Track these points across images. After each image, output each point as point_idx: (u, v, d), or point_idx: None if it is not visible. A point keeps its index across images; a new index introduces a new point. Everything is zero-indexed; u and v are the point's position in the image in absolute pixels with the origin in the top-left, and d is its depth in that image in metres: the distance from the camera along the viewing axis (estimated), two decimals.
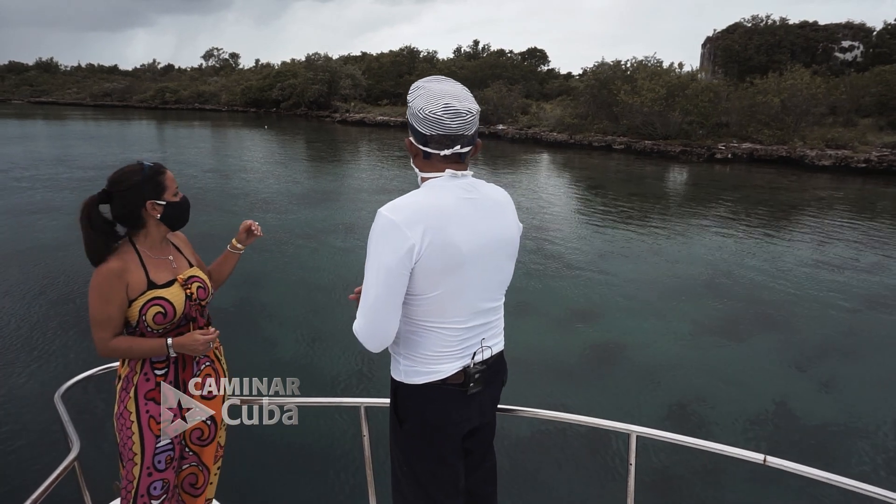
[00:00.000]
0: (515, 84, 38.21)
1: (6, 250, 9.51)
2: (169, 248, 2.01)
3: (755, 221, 12.74)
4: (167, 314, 1.86)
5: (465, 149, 1.46)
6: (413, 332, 1.52)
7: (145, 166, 1.87)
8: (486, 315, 1.56)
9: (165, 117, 48.69)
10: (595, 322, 6.99)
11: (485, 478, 1.77)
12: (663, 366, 5.83)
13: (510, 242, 1.56)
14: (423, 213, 1.39)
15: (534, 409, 1.99)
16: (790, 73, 23.74)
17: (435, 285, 1.43)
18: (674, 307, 7.44)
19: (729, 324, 6.95)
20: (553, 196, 15.52)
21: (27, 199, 13.78)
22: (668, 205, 14.48)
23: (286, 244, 10.16)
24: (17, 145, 25.50)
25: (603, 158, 23.62)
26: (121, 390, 1.92)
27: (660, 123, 24.35)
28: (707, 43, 49.54)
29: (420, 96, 1.44)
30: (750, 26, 44.23)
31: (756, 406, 5.15)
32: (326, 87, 49.41)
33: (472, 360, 1.54)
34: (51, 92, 74.59)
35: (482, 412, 1.63)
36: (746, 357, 6.09)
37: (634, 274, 8.77)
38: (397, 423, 1.59)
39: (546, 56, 62.17)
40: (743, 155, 22.25)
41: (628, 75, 27.10)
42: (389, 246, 1.38)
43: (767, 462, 1.66)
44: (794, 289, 8.19)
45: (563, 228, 11.74)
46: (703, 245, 10.58)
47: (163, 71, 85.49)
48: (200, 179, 17.04)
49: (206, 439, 2.09)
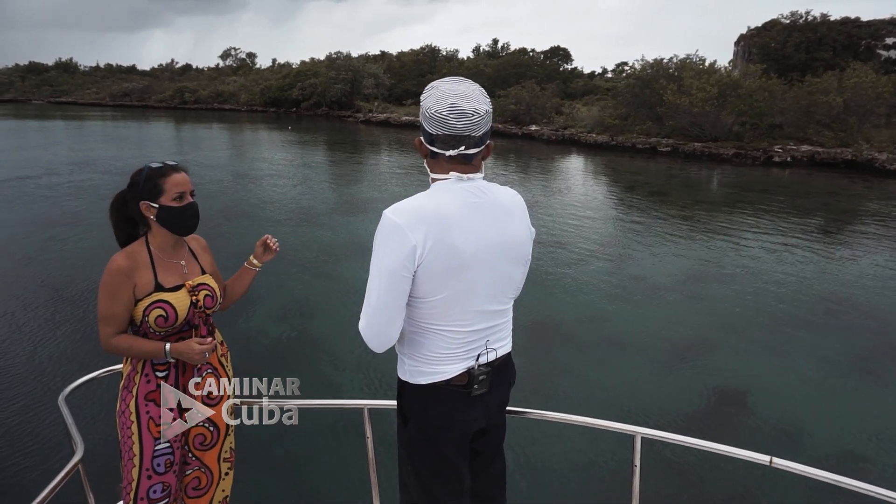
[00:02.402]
0: (549, 83, 36.89)
1: (12, 253, 9.42)
2: (182, 253, 2.01)
3: (848, 234, 11.45)
4: (168, 318, 1.87)
5: (471, 150, 1.45)
6: (416, 333, 1.53)
7: (146, 167, 1.88)
8: (491, 318, 1.55)
9: (185, 117, 48.01)
10: (706, 359, 5.86)
11: (493, 481, 1.76)
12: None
13: (517, 247, 1.54)
14: (425, 215, 1.39)
15: (540, 411, 1.99)
16: (852, 70, 22.26)
17: (438, 288, 1.44)
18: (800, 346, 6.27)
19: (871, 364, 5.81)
20: (610, 203, 14.31)
21: (42, 202, 13.42)
22: (747, 215, 13.20)
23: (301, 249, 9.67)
24: (39, 149, 24.78)
25: (650, 162, 22.31)
26: (123, 388, 1.94)
27: (709, 124, 23.00)
28: (741, 41, 47.96)
29: (431, 96, 1.43)
30: (788, 23, 42.57)
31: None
32: (349, 86, 48.40)
33: (477, 362, 1.54)
34: (70, 92, 74.42)
35: (488, 414, 1.62)
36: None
37: (733, 302, 7.59)
38: (402, 423, 1.59)
39: (569, 54, 60.78)
40: (803, 158, 20.85)
41: (673, 74, 25.72)
42: (392, 247, 1.38)
43: (774, 463, 1.64)
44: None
45: (636, 240, 10.55)
46: (810, 264, 9.34)
47: (180, 71, 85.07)
48: (230, 185, 16.07)
49: (208, 444, 2.07)
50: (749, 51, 44.47)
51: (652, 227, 11.75)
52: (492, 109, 1.49)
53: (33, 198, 13.97)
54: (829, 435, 4.78)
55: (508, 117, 32.95)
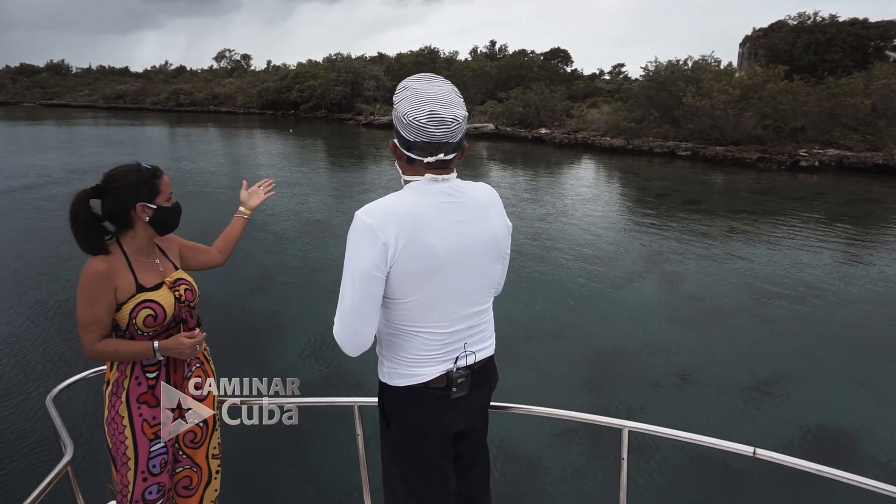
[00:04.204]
0: (556, 85, 36.11)
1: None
2: (155, 252, 2.01)
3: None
4: (157, 316, 1.86)
5: (448, 156, 1.44)
6: (393, 335, 1.52)
7: (143, 168, 1.88)
8: (469, 319, 1.54)
9: (181, 120, 46.84)
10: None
11: (476, 481, 1.75)
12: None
13: (495, 243, 1.53)
14: (397, 215, 1.38)
15: (526, 406, 1.99)
16: (879, 71, 21.60)
17: (413, 289, 1.43)
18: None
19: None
20: (646, 213, 13.47)
21: (31, 206, 13.21)
22: (796, 225, 12.41)
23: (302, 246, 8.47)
24: (30, 154, 23.68)
25: (671, 166, 21.52)
26: (111, 395, 1.91)
27: (730, 128, 22.25)
28: (746, 42, 47.43)
29: (406, 98, 1.41)
30: (795, 24, 42.02)
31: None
32: (350, 88, 47.37)
33: (455, 365, 1.52)
34: (62, 94, 72.83)
35: (468, 417, 1.61)
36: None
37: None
38: (385, 424, 1.59)
39: (569, 56, 60.30)
40: (831, 162, 20.12)
41: (690, 76, 24.97)
42: (363, 248, 1.38)
43: (757, 454, 1.68)
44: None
45: (686, 256, 9.71)
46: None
47: (174, 73, 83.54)
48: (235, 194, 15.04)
49: (198, 441, 2.08)
50: (755, 52, 43.91)
51: (700, 241, 10.92)
52: (466, 112, 1.45)
53: (22, 202, 13.51)
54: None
55: (516, 120, 32.12)
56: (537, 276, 8.72)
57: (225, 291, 7.75)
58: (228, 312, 7.12)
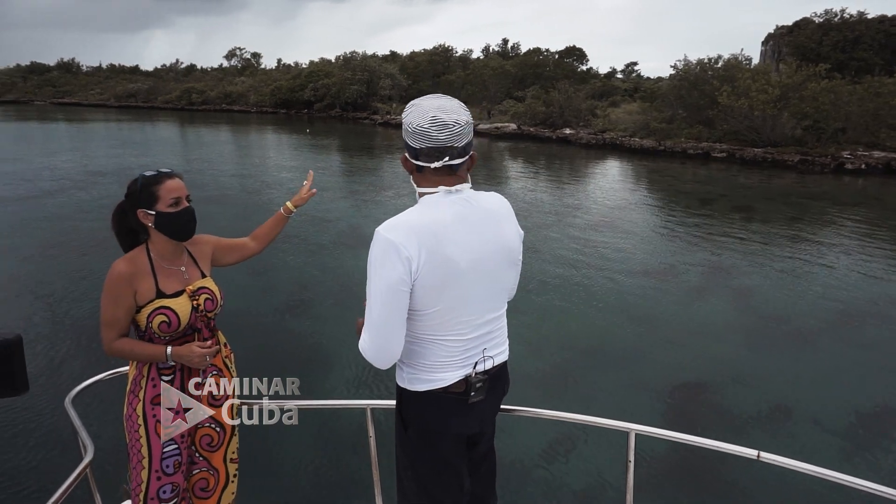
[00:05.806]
0: (583, 85, 35.32)
1: (17, 257, 9.26)
2: (182, 259, 2.02)
3: None
4: (171, 323, 1.88)
5: (455, 161, 1.45)
6: (415, 344, 1.52)
7: (141, 176, 1.90)
8: (487, 325, 1.56)
9: (194, 119, 46.37)
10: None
11: (483, 481, 1.78)
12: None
13: (509, 251, 1.56)
14: (417, 230, 1.40)
15: (534, 409, 2.01)
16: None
17: (435, 301, 1.44)
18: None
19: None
20: (697, 222, 12.73)
21: (49, 205, 12.99)
22: (862, 235, 11.64)
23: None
24: (44, 155, 23.20)
25: (707, 169, 20.72)
26: (129, 393, 1.96)
27: (768, 128, 21.44)
28: (769, 40, 46.42)
29: (412, 113, 1.45)
30: (821, 21, 41.01)
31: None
32: (365, 87, 46.73)
33: (474, 370, 1.54)
34: (73, 93, 72.70)
35: (482, 421, 1.64)
36: None
37: None
38: (402, 428, 1.61)
39: (585, 54, 59.23)
40: (877, 165, 19.31)
41: (724, 74, 24.15)
42: (388, 264, 1.39)
43: (761, 458, 1.68)
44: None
45: (753, 270, 8.99)
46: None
47: (185, 71, 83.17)
48: (260, 198, 14.42)
49: (215, 445, 2.09)
50: (779, 50, 42.91)
51: (764, 253, 10.19)
52: (472, 121, 1.48)
53: (39, 201, 13.16)
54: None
55: (539, 120, 31.40)
56: (597, 290, 8.04)
57: (241, 295, 7.37)
58: (242, 316, 6.95)
